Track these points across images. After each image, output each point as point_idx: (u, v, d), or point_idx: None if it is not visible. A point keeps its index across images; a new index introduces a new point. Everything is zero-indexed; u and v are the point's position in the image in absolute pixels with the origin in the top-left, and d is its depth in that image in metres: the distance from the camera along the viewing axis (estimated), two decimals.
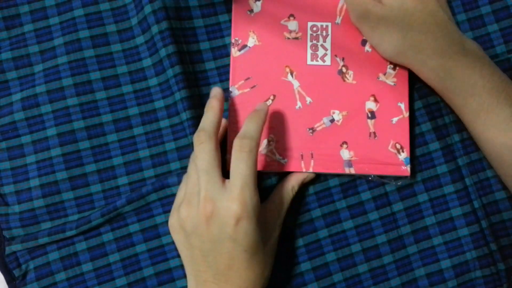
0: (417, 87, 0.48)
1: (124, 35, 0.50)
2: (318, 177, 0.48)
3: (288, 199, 0.45)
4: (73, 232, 0.46)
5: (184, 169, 0.48)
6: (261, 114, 0.42)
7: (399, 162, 0.46)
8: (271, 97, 0.47)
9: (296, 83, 0.47)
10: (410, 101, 0.47)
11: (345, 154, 0.46)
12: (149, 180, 0.49)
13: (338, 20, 0.47)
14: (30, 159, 0.48)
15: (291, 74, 0.47)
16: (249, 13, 0.47)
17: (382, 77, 0.47)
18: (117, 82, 0.49)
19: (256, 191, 0.40)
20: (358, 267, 0.47)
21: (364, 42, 0.47)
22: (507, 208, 0.48)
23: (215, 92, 0.44)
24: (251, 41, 0.47)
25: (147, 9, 0.48)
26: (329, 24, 0.47)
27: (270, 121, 0.47)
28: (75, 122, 0.48)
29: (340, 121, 0.47)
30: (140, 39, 0.50)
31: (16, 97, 0.49)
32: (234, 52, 0.47)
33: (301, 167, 0.46)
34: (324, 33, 0.47)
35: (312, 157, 0.46)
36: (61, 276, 0.47)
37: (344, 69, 0.47)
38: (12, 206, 0.48)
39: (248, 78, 0.47)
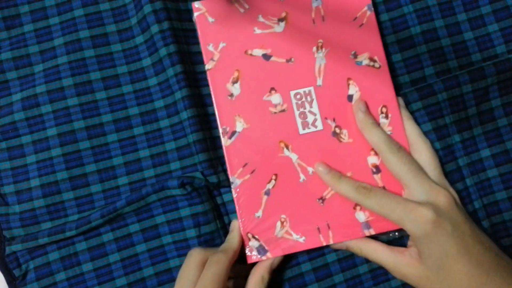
0: (417, 88, 0.47)
1: (124, 35, 0.50)
2: None
3: None
4: (73, 232, 0.46)
5: (184, 169, 0.48)
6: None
7: None
8: (273, 177, 0.46)
9: (294, 156, 0.46)
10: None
11: (361, 216, 0.45)
12: (149, 180, 0.49)
13: (319, 81, 0.46)
14: (30, 159, 0.48)
15: (287, 148, 0.46)
16: (230, 98, 0.46)
17: None
18: (117, 82, 0.49)
19: None
20: (358, 268, 0.47)
21: (350, 98, 0.46)
22: (508, 208, 0.48)
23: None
24: (239, 126, 0.46)
25: (147, 8, 0.48)
26: (311, 88, 0.46)
27: (278, 202, 0.45)
28: (75, 122, 0.48)
29: None
30: (139, 39, 0.50)
31: (16, 97, 0.49)
32: (225, 141, 0.46)
33: (320, 241, 0.45)
34: (308, 99, 0.46)
35: (329, 228, 0.45)
36: (61, 276, 0.47)
37: (337, 130, 0.46)
38: (12, 206, 0.48)
39: (246, 164, 0.46)
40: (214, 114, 0.47)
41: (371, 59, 0.46)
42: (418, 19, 0.49)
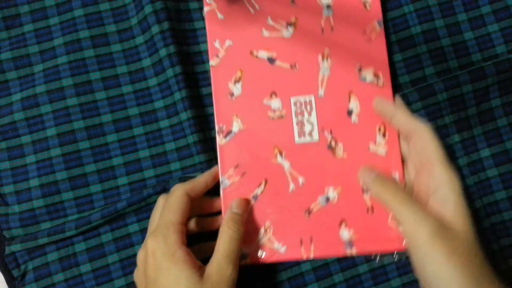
0: (418, 88, 0.48)
1: (124, 35, 0.50)
2: None
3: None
4: (73, 232, 0.46)
5: (184, 170, 0.48)
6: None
7: (399, 237, 0.44)
8: (263, 182, 0.45)
9: (286, 164, 0.45)
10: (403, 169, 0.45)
11: (345, 234, 0.44)
12: (149, 180, 0.48)
13: (321, 91, 0.46)
14: (30, 159, 0.48)
15: (280, 155, 0.45)
16: (230, 97, 0.46)
17: (372, 147, 0.45)
18: (117, 82, 0.49)
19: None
20: (358, 267, 0.48)
21: (350, 113, 0.46)
22: (507, 208, 0.48)
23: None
24: (236, 126, 0.46)
25: (148, 9, 0.48)
26: (312, 97, 0.46)
27: (265, 208, 0.45)
28: (75, 122, 0.48)
29: (336, 198, 0.45)
30: (139, 39, 0.50)
31: (16, 97, 0.49)
32: (220, 140, 0.45)
33: (301, 254, 0.44)
34: (308, 108, 0.46)
35: (311, 241, 0.44)
36: (59, 277, 0.47)
37: (333, 143, 0.45)
38: (12, 206, 0.48)
39: (237, 166, 0.45)
40: (213, 115, 0.47)
41: (375, 76, 0.46)
42: (418, 18, 0.49)
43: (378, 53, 0.46)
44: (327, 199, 0.45)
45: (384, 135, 0.45)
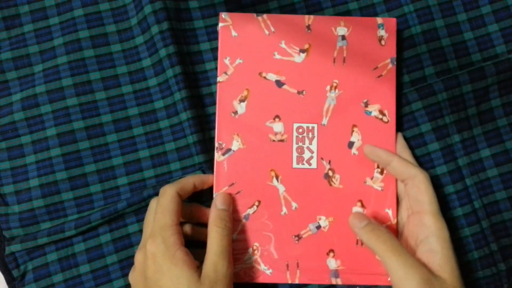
0: (417, 88, 0.48)
1: (124, 35, 0.50)
2: None
3: None
4: (72, 232, 0.46)
5: (184, 170, 0.48)
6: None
7: (387, 273, 0.42)
8: (256, 203, 0.45)
9: (281, 188, 0.45)
10: (397, 207, 0.46)
11: (332, 263, 0.45)
12: (149, 180, 0.48)
13: (325, 121, 0.46)
14: (30, 159, 0.48)
15: (277, 178, 0.45)
16: (233, 115, 0.46)
17: (369, 182, 0.46)
18: (117, 82, 0.49)
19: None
20: None
21: (351, 145, 0.46)
22: (507, 208, 0.48)
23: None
24: (235, 145, 0.46)
25: (147, 9, 0.48)
26: (315, 125, 0.46)
27: (255, 229, 0.45)
28: (74, 122, 0.48)
29: (327, 227, 0.45)
30: (139, 39, 0.50)
31: (16, 97, 0.49)
32: (218, 156, 0.46)
33: (286, 278, 0.45)
34: (310, 135, 0.46)
35: (298, 267, 0.45)
36: (58, 277, 0.47)
37: (330, 173, 0.46)
38: (11, 206, 0.48)
39: (233, 184, 0.45)
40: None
41: (381, 112, 0.46)
42: (418, 18, 0.49)
43: (387, 89, 0.46)
44: (318, 227, 0.45)
45: (382, 172, 0.46)
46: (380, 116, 0.46)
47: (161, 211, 0.41)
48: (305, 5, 0.50)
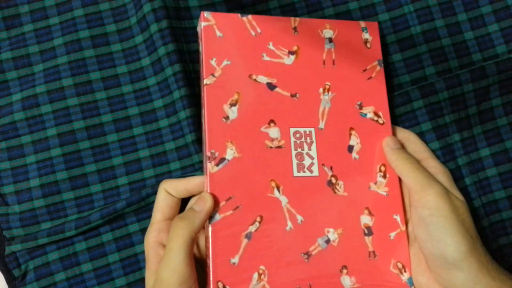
0: (419, 86, 0.48)
1: (123, 34, 0.50)
2: None
3: None
4: (73, 232, 0.46)
5: (183, 169, 0.48)
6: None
7: (403, 284, 0.41)
8: (258, 219, 0.40)
9: (284, 200, 0.41)
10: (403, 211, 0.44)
11: (347, 281, 0.40)
12: (149, 180, 0.48)
13: (321, 125, 0.43)
14: (30, 159, 0.48)
15: (278, 189, 0.41)
16: (224, 120, 0.41)
17: (373, 187, 0.43)
18: (117, 82, 0.49)
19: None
20: None
21: (350, 149, 0.43)
22: (506, 207, 0.48)
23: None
24: (230, 153, 0.41)
25: (146, 7, 0.48)
26: (313, 129, 0.43)
27: (259, 249, 0.39)
28: (75, 122, 0.48)
29: (337, 241, 0.41)
30: (139, 38, 0.49)
31: (16, 97, 0.49)
32: (211, 167, 0.40)
33: None
34: (308, 140, 0.42)
35: None
36: (60, 276, 0.47)
37: (333, 180, 0.42)
38: (12, 206, 0.48)
39: (230, 198, 0.40)
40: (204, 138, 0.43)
41: (376, 114, 0.45)
42: (419, 18, 0.49)
43: (378, 91, 0.45)
44: (328, 241, 0.41)
45: (385, 176, 0.43)
46: (376, 118, 0.45)
47: (154, 207, 0.42)
48: (305, 4, 0.50)
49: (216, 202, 0.40)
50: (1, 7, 0.50)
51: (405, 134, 0.45)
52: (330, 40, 0.46)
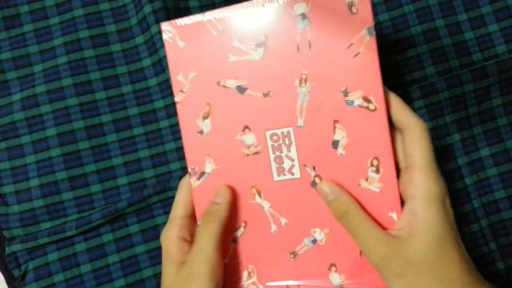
0: (420, 86, 0.48)
1: (123, 35, 0.50)
2: None
3: None
4: (73, 232, 0.46)
5: (184, 170, 0.48)
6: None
7: None
8: (242, 225, 0.41)
9: (266, 204, 0.40)
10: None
11: (335, 278, 0.40)
12: (149, 180, 0.48)
13: (300, 122, 0.39)
14: (30, 159, 0.48)
15: (259, 194, 0.40)
16: (199, 135, 0.40)
17: (364, 184, 0.38)
18: (117, 82, 0.49)
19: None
20: None
21: (335, 144, 0.39)
22: (506, 207, 0.48)
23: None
24: (209, 167, 0.40)
25: (147, 9, 0.48)
26: (291, 129, 0.39)
27: (246, 250, 0.41)
28: (74, 122, 0.48)
29: (324, 240, 0.40)
30: (139, 39, 0.50)
31: (16, 97, 0.49)
32: (194, 182, 0.40)
33: None
34: (286, 141, 0.40)
35: (299, 287, 0.40)
36: (59, 277, 0.47)
37: (317, 180, 0.39)
38: (12, 206, 0.48)
39: None
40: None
41: (365, 99, 0.38)
42: (419, 18, 0.49)
43: (368, 69, 0.38)
44: (314, 241, 0.40)
45: (377, 170, 0.38)
46: (365, 104, 0.38)
47: (174, 202, 0.41)
48: None
49: (201, 213, 0.40)
50: (1, 7, 0.50)
51: (406, 122, 0.37)
52: (304, 16, 0.39)
